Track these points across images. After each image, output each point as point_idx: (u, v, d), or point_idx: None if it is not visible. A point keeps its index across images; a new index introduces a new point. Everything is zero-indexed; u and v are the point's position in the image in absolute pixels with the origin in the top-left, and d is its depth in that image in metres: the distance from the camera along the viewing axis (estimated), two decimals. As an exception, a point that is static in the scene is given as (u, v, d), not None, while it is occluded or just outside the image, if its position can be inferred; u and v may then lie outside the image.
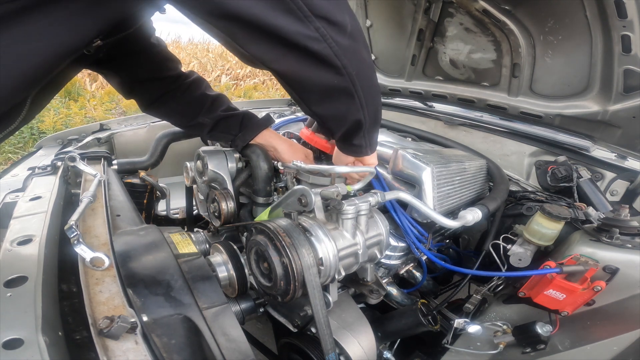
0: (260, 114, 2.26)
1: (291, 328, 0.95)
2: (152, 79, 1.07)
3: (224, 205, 1.09)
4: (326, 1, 0.63)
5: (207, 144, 1.60)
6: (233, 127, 1.15)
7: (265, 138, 1.17)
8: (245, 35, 0.64)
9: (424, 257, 1.12)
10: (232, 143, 1.17)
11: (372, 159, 1.01)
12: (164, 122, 2.07)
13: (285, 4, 0.59)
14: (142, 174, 1.46)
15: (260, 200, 1.14)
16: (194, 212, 1.57)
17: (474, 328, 0.92)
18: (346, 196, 0.93)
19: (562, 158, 1.44)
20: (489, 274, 1.05)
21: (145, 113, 1.19)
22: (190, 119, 1.14)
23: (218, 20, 0.62)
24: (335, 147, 1.03)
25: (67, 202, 1.05)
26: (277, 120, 1.84)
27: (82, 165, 1.12)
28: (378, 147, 1.15)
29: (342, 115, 0.83)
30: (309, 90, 0.78)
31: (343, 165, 1.03)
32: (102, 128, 1.89)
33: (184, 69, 1.14)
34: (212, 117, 1.13)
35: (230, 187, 1.14)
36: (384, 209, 1.07)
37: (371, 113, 0.84)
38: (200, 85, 1.14)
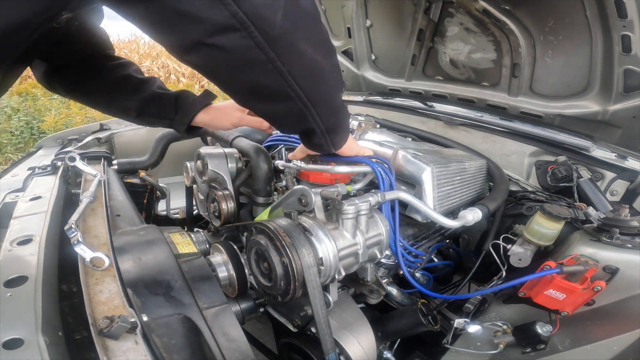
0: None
1: (291, 328, 0.95)
2: (80, 57, 0.94)
3: (224, 205, 1.09)
4: None
5: (206, 144, 1.60)
6: (167, 109, 1.00)
7: (207, 119, 1.02)
8: (150, 22, 0.55)
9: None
10: (173, 128, 1.04)
11: (348, 149, 0.93)
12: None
13: None
14: (142, 174, 1.46)
15: (260, 200, 1.14)
16: (194, 212, 1.57)
17: (474, 328, 0.92)
18: (346, 196, 0.93)
19: (562, 158, 1.44)
20: (491, 290, 1.04)
21: (68, 98, 1.07)
22: (112, 102, 1.00)
23: (123, 6, 0.54)
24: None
25: (67, 202, 1.05)
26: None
27: (82, 165, 1.12)
28: (378, 147, 1.16)
29: (281, 115, 0.72)
30: (233, 88, 0.68)
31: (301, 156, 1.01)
32: (102, 128, 1.89)
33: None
34: (138, 98, 0.98)
35: (230, 187, 1.14)
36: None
37: (325, 115, 0.73)
38: (127, 67, 1.00)
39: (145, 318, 0.60)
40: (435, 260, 1.40)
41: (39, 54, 0.86)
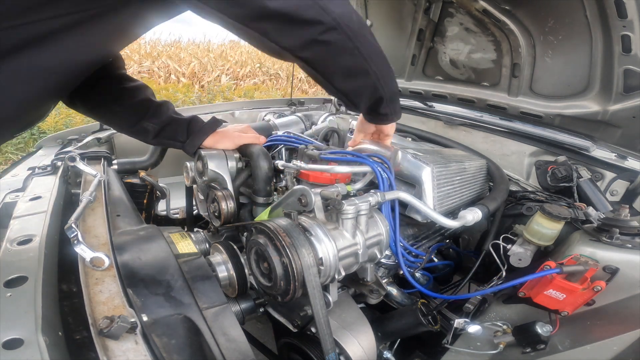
0: (260, 113, 2.28)
1: (291, 328, 0.95)
2: (99, 78, 1.02)
3: (224, 205, 1.08)
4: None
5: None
6: (180, 133, 1.15)
7: (212, 142, 1.18)
8: (279, 31, 0.73)
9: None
10: (183, 150, 1.18)
11: (391, 128, 1.14)
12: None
13: (310, 0, 0.70)
14: (142, 174, 1.46)
15: (260, 200, 1.14)
16: (194, 212, 1.56)
17: (474, 328, 0.92)
18: (346, 196, 0.93)
19: (562, 158, 1.44)
20: (491, 290, 1.04)
21: (88, 116, 1.16)
22: (133, 124, 1.12)
23: (255, 22, 0.70)
24: (360, 117, 1.14)
25: (67, 202, 1.05)
26: (277, 121, 1.84)
27: (82, 165, 1.12)
28: (378, 147, 1.16)
29: (362, 90, 0.94)
30: (332, 72, 0.88)
31: (361, 134, 1.17)
32: (102, 128, 1.89)
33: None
34: (157, 122, 1.12)
35: (230, 187, 1.14)
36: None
37: (387, 86, 0.96)
38: (144, 90, 1.13)
39: (145, 318, 0.60)
40: (435, 260, 1.40)
41: None
